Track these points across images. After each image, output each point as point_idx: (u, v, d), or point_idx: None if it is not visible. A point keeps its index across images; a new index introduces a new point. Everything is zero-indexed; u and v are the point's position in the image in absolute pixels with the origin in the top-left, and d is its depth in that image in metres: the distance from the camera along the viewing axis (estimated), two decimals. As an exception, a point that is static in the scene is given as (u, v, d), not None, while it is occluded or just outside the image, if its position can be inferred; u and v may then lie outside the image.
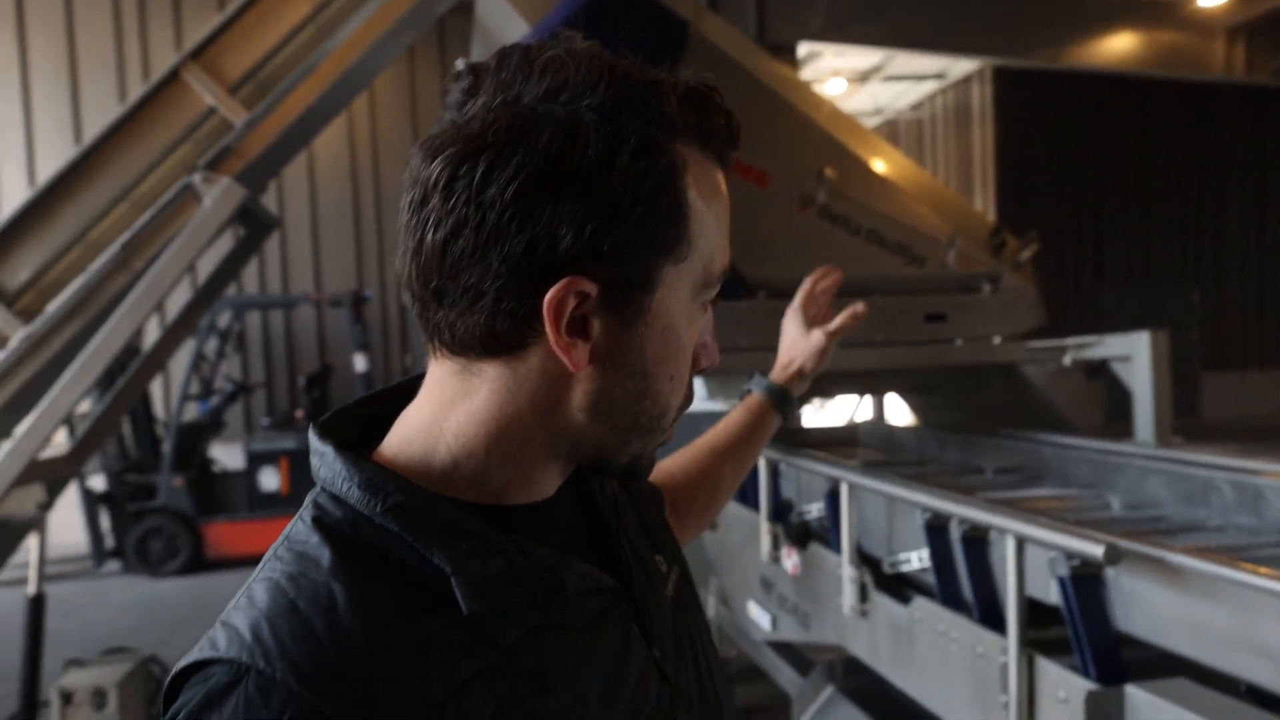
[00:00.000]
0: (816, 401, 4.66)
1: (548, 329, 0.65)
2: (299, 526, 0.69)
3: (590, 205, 0.63)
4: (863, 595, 2.53)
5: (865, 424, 4.45)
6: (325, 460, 0.70)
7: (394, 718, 0.60)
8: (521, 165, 0.63)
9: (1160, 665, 1.75)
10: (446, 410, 0.71)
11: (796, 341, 1.43)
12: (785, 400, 1.38)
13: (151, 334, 8.64)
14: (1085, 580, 1.75)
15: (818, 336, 1.41)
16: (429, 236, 0.65)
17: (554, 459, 0.73)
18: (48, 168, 9.53)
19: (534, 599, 0.68)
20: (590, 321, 0.67)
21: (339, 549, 0.65)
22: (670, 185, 0.66)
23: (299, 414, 9.55)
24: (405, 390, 0.77)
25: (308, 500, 0.71)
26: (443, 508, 0.67)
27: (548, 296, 0.64)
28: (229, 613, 0.65)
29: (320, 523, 0.68)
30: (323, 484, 0.70)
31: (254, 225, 4.75)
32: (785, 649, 3.52)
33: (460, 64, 0.69)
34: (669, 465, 1.27)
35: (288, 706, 0.58)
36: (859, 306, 1.44)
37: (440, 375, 0.72)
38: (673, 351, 0.71)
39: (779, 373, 1.41)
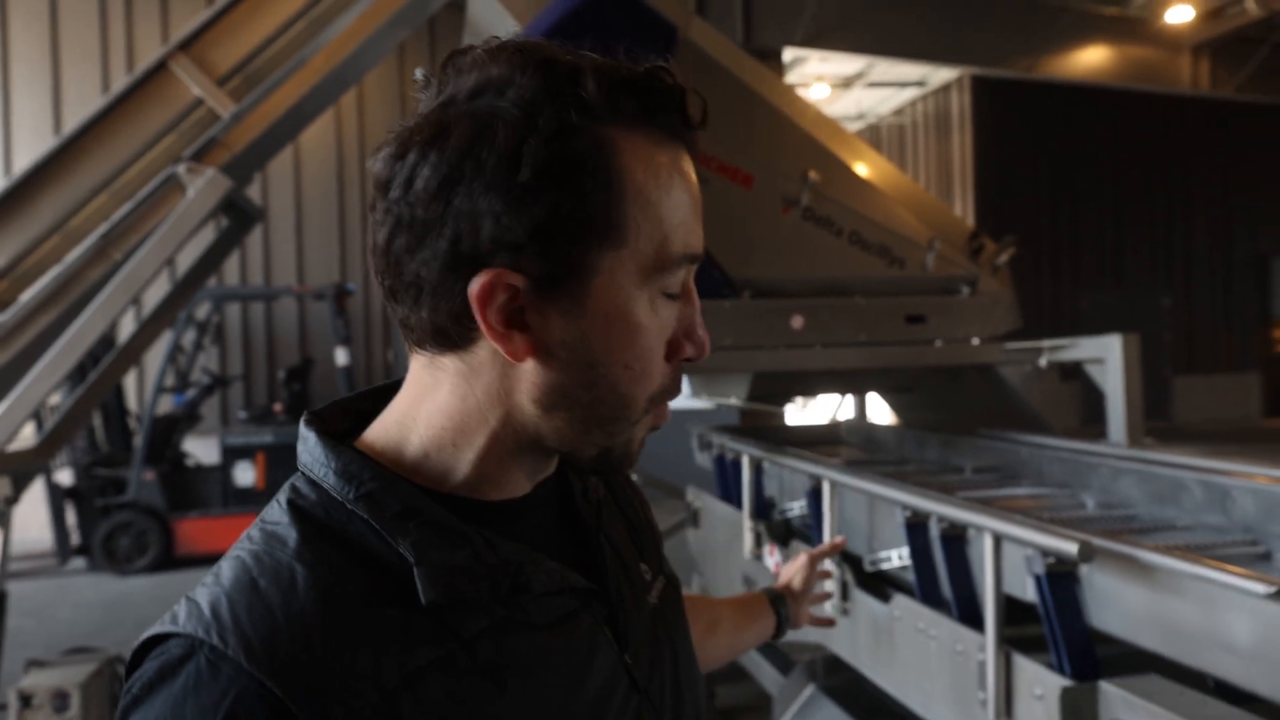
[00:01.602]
0: (799, 400, 4.71)
1: (479, 322, 0.66)
2: (274, 508, 0.71)
3: (504, 197, 0.64)
4: (844, 593, 2.56)
5: (847, 423, 4.51)
6: (307, 445, 0.72)
7: (343, 701, 0.60)
8: (438, 163, 0.65)
9: (1132, 661, 1.79)
10: (419, 402, 0.72)
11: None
12: (780, 604, 1.39)
13: (127, 326, 8.56)
14: (1060, 577, 1.79)
15: (802, 558, 1.47)
16: (378, 235, 0.68)
17: (519, 453, 0.73)
18: (25, 156, 9.42)
19: (497, 593, 0.68)
20: (526, 313, 0.67)
21: (307, 531, 0.67)
22: (594, 169, 0.65)
23: (278, 408, 9.38)
24: (400, 386, 0.78)
25: (286, 483, 0.72)
26: (413, 497, 0.68)
27: (471, 290, 0.65)
28: (196, 588, 0.66)
29: (294, 505, 0.69)
30: (302, 468, 0.72)
31: (238, 217, 4.72)
32: (766, 648, 3.52)
33: (419, 74, 0.71)
34: None
35: (235, 683, 0.59)
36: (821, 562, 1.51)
37: (414, 369, 0.74)
38: (625, 340, 0.69)
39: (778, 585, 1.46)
